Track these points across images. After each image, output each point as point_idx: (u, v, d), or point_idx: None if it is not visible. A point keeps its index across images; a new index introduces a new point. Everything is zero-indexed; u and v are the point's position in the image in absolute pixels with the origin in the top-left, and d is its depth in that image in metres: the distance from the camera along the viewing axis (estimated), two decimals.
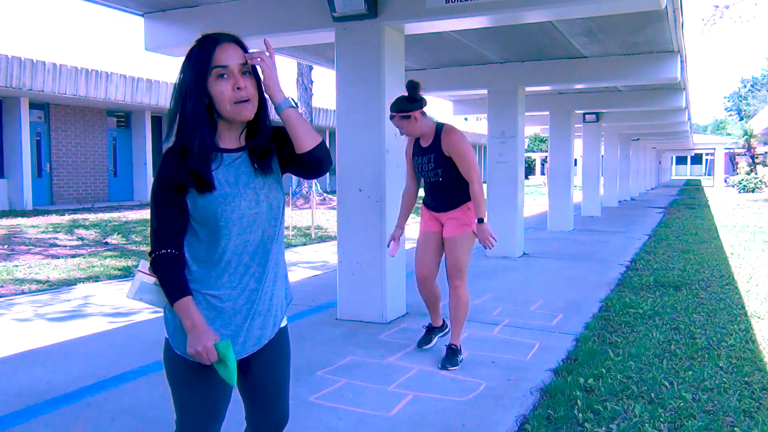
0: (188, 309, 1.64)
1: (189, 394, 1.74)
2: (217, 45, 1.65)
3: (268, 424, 1.90)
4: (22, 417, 3.18)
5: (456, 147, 3.94)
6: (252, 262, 1.73)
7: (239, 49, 1.67)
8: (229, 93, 1.64)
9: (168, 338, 1.73)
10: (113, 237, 10.68)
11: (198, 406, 1.75)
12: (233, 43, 1.67)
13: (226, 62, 1.64)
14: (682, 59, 8.19)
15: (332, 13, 4.90)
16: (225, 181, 1.68)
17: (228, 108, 1.65)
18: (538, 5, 4.64)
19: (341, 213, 5.21)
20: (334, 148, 5.89)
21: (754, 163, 34.27)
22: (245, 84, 1.65)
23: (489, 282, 6.71)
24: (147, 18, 5.87)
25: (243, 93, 1.65)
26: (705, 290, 6.26)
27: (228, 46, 1.66)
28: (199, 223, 1.68)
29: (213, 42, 1.66)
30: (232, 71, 1.64)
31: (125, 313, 5.49)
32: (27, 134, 16.24)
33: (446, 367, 3.92)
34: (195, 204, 1.66)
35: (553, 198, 12.17)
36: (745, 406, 3.28)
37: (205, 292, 1.69)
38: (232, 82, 1.64)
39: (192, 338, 1.63)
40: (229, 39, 1.68)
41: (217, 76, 1.64)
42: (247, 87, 1.66)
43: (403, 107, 3.91)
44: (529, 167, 53.15)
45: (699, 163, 67.67)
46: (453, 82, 9.06)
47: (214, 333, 1.65)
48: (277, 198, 1.78)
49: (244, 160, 1.74)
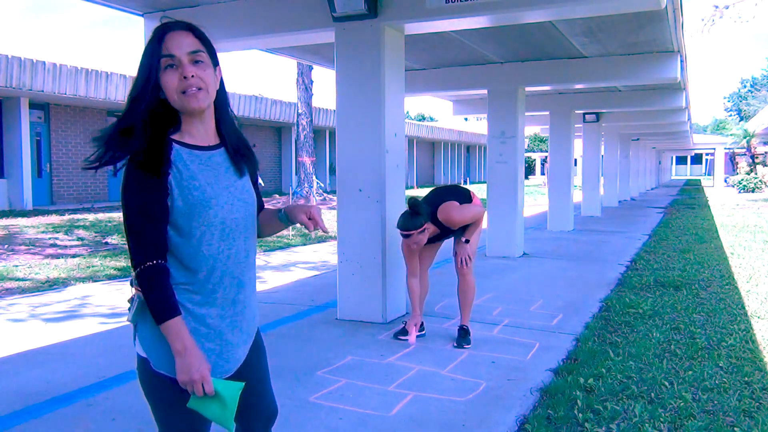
0: (179, 331, 1.52)
1: (172, 412, 1.64)
2: (165, 34, 1.57)
3: (259, 421, 1.85)
4: (22, 417, 3.17)
5: (459, 221, 4.30)
6: (235, 271, 1.65)
7: (191, 36, 1.59)
8: (175, 83, 1.56)
9: (144, 357, 1.61)
10: (113, 237, 10.68)
11: (182, 423, 1.65)
12: (185, 30, 1.59)
13: (173, 51, 1.56)
14: (682, 59, 8.19)
15: (332, 13, 4.90)
16: (206, 182, 1.60)
17: (175, 98, 1.57)
18: (538, 5, 4.64)
19: (341, 213, 5.21)
20: (334, 148, 5.89)
21: (754, 163, 34.26)
22: (194, 72, 1.56)
23: (489, 282, 6.71)
24: (147, 18, 5.86)
25: (190, 82, 1.55)
26: (705, 290, 6.25)
27: (177, 34, 1.57)
28: (177, 229, 1.57)
29: (162, 31, 1.58)
30: (180, 60, 1.56)
31: (124, 314, 5.48)
32: (27, 134, 16.22)
33: (462, 345, 4.36)
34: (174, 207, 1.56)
35: (553, 198, 12.17)
36: (745, 406, 3.28)
37: (185, 304, 1.59)
38: (179, 72, 1.56)
39: (183, 364, 1.51)
40: (180, 27, 1.60)
41: (165, 66, 1.56)
42: (198, 75, 1.56)
43: (417, 223, 4.14)
44: (529, 167, 53.16)
45: (699, 163, 67.67)
46: (453, 82, 9.06)
47: (206, 360, 1.55)
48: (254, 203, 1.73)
49: (223, 160, 1.67)
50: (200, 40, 1.61)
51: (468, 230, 4.37)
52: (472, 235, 4.38)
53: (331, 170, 26.95)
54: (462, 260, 4.38)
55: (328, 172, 27.30)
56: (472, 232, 4.38)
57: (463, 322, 4.53)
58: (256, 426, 1.86)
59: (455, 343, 4.42)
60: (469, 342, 4.40)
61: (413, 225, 4.13)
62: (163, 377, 1.60)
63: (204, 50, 1.61)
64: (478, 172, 46.11)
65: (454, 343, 4.43)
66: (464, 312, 4.55)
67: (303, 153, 19.06)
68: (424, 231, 4.17)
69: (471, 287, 4.52)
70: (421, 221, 4.13)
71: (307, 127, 19.29)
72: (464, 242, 4.37)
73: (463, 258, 4.38)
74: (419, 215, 4.14)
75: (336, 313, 5.24)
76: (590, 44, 7.52)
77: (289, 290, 6.48)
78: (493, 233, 8.72)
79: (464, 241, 4.37)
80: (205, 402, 1.55)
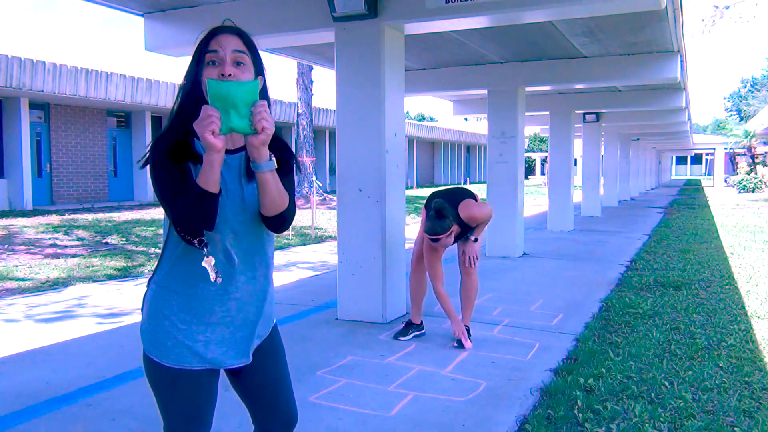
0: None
1: (172, 400, 1.69)
2: (215, 35, 1.60)
3: (277, 425, 1.85)
4: (22, 417, 3.17)
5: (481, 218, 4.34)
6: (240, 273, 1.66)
7: (237, 39, 1.60)
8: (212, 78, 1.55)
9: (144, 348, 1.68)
10: (113, 237, 10.68)
11: (183, 412, 1.69)
12: (232, 34, 1.61)
13: (217, 48, 1.58)
14: (682, 59, 8.19)
15: (332, 13, 4.90)
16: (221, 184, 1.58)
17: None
18: (538, 5, 4.64)
19: (341, 213, 5.21)
20: (334, 148, 5.89)
21: (754, 163, 34.26)
22: (231, 72, 1.56)
23: (489, 282, 6.70)
24: (147, 18, 5.87)
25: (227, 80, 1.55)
26: (705, 290, 6.25)
27: (225, 36, 1.60)
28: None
29: (213, 32, 1.61)
30: (222, 58, 1.57)
31: (124, 313, 5.49)
32: (27, 134, 16.22)
33: (462, 345, 4.37)
34: None
35: (553, 198, 12.17)
36: (745, 406, 3.28)
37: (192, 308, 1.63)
38: (219, 69, 1.57)
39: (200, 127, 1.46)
40: (229, 30, 1.62)
41: (207, 62, 1.58)
42: (236, 76, 1.56)
43: (446, 226, 4.10)
44: (529, 167, 53.17)
45: (699, 163, 67.69)
46: (453, 82, 9.06)
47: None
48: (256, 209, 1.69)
49: (241, 163, 1.66)
50: (247, 45, 1.62)
51: (477, 229, 4.40)
52: (480, 234, 4.43)
53: (331, 170, 26.94)
54: (470, 259, 4.43)
55: (328, 172, 27.29)
56: (481, 231, 4.42)
57: (465, 322, 4.56)
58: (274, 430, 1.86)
59: (455, 342, 4.43)
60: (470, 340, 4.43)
61: (442, 228, 4.08)
62: (155, 363, 1.65)
63: (248, 54, 1.61)
64: (478, 172, 46.11)
65: (454, 342, 4.45)
66: (466, 311, 4.60)
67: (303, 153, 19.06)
68: (451, 234, 4.14)
69: (475, 286, 4.58)
70: (449, 223, 4.09)
71: (307, 127, 19.29)
72: (473, 241, 4.41)
73: (471, 257, 4.42)
74: (446, 217, 4.09)
75: (336, 313, 5.24)
76: (590, 44, 7.52)
77: (288, 290, 6.48)
78: (493, 233, 8.72)
79: (473, 239, 4.40)
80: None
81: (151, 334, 1.65)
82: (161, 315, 1.64)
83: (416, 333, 4.61)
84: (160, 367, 1.65)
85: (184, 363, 1.64)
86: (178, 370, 1.64)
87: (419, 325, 4.66)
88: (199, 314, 1.64)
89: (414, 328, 4.62)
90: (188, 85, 1.61)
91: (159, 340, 1.64)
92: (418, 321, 4.67)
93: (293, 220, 1.70)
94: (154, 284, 1.68)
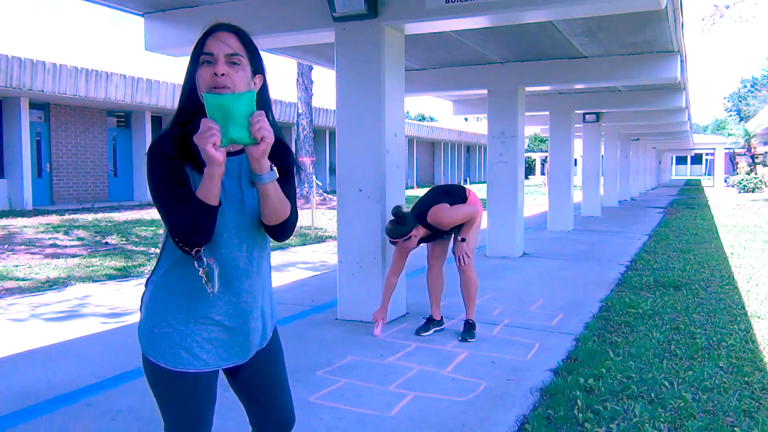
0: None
1: (171, 401, 1.68)
2: (211, 33, 1.58)
3: (273, 428, 1.84)
4: (22, 417, 3.17)
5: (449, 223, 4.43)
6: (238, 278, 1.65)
7: (233, 38, 1.58)
8: (206, 78, 1.54)
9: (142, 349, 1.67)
10: (113, 237, 10.68)
11: (182, 412, 1.69)
12: (229, 32, 1.59)
13: (212, 49, 1.55)
14: (682, 59, 8.19)
15: (332, 13, 4.90)
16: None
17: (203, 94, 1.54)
18: (538, 5, 4.64)
19: (341, 213, 5.21)
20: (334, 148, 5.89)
21: (754, 163, 34.27)
22: (225, 71, 1.53)
23: (489, 282, 6.70)
24: (147, 18, 5.87)
25: (219, 80, 1.53)
26: (705, 290, 6.25)
27: (221, 34, 1.57)
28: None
29: (209, 31, 1.59)
30: (217, 58, 1.55)
31: (124, 313, 5.49)
32: (27, 134, 16.23)
33: (466, 339, 4.51)
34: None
35: (553, 198, 12.17)
36: (745, 406, 3.28)
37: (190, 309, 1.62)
38: (212, 69, 1.54)
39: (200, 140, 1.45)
40: (225, 28, 1.60)
41: (202, 63, 1.56)
42: (230, 75, 1.54)
43: (402, 231, 4.34)
44: (529, 167, 53.18)
45: (699, 163, 67.68)
46: (453, 82, 9.06)
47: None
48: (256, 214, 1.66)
49: (240, 166, 1.63)
50: (244, 44, 1.60)
51: (463, 229, 4.48)
52: (468, 233, 4.49)
53: (331, 170, 26.94)
54: (460, 258, 4.50)
55: (328, 172, 27.29)
56: (468, 231, 4.49)
57: (469, 316, 4.67)
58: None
59: (460, 336, 4.55)
60: (474, 336, 4.54)
61: (398, 233, 4.35)
62: (153, 364, 1.65)
63: (244, 54, 1.59)
64: (478, 172, 46.11)
65: (459, 337, 4.56)
66: (468, 306, 4.67)
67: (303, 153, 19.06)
68: (411, 238, 4.36)
69: (473, 282, 4.64)
70: (405, 230, 4.33)
71: (307, 127, 19.30)
72: (461, 241, 4.49)
73: (460, 256, 4.50)
74: (403, 225, 4.34)
75: (336, 313, 5.24)
76: (590, 44, 7.52)
77: (288, 290, 6.48)
78: (493, 233, 8.72)
79: (461, 239, 4.48)
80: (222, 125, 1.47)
81: (149, 336, 1.65)
82: (158, 316, 1.63)
83: (437, 328, 4.75)
84: (159, 369, 1.64)
85: (182, 365, 1.63)
86: (175, 371, 1.63)
87: (439, 320, 4.80)
88: (196, 315, 1.63)
89: (434, 324, 4.77)
90: (186, 86, 1.61)
91: (156, 341, 1.63)
92: (438, 317, 4.81)
93: (296, 227, 1.67)
94: (152, 284, 1.68)
